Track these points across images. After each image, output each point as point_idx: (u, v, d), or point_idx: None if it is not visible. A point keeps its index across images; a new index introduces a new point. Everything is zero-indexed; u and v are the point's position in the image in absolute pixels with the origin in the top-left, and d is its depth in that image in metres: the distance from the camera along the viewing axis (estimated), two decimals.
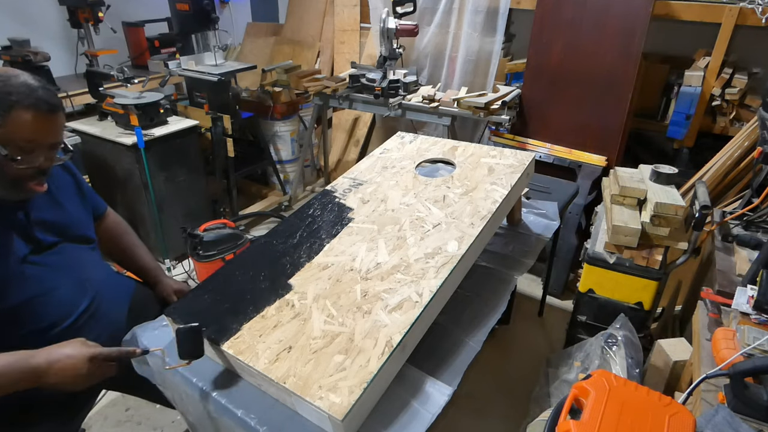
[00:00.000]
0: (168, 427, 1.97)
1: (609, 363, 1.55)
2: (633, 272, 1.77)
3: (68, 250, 1.23)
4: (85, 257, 1.28)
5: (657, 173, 1.85)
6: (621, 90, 2.54)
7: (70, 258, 1.23)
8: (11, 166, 1.04)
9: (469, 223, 1.30)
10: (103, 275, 1.33)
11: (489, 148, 1.65)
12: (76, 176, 1.35)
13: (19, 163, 1.04)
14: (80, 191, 1.35)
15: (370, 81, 2.97)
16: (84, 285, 1.24)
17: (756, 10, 2.31)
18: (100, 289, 1.29)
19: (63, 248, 1.22)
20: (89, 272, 1.27)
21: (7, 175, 1.05)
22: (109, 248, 1.51)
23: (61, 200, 1.25)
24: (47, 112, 1.05)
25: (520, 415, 1.89)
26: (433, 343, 1.20)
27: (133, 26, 3.52)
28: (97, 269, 1.32)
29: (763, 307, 1.30)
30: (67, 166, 1.31)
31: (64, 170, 1.30)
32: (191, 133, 2.83)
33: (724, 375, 1.10)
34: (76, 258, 1.25)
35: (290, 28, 4.14)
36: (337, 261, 1.26)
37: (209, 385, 1.08)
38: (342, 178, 1.62)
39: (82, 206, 1.34)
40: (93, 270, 1.29)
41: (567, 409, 0.98)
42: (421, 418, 1.01)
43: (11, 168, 1.04)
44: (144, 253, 1.53)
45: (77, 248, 1.26)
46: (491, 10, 3.07)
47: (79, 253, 1.26)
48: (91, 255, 1.31)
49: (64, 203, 1.26)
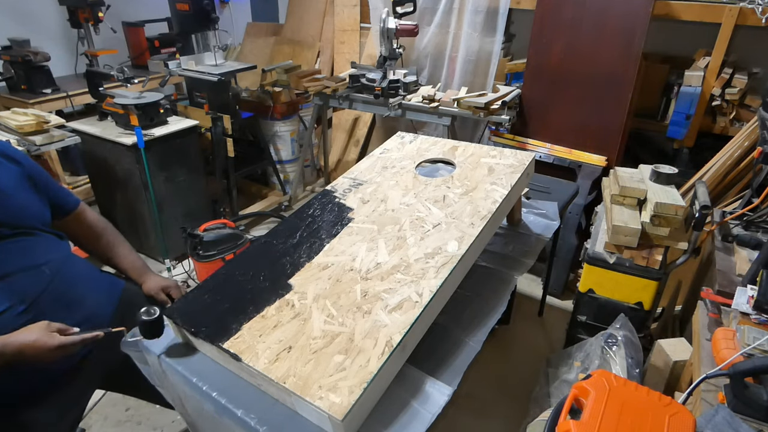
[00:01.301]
0: (168, 427, 1.97)
1: (609, 363, 1.54)
2: (633, 272, 1.77)
3: (17, 240, 1.23)
4: (39, 243, 1.27)
5: (657, 173, 1.85)
6: (621, 90, 2.54)
7: (20, 246, 1.23)
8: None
9: (469, 223, 1.30)
10: (63, 257, 1.32)
11: (489, 148, 1.65)
12: (24, 166, 1.32)
13: None
14: (31, 181, 1.32)
15: (370, 81, 2.97)
16: (40, 268, 1.24)
17: (756, 10, 2.31)
18: (61, 270, 1.28)
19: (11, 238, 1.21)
20: (45, 257, 1.27)
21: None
22: (90, 248, 1.50)
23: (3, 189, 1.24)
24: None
25: (520, 415, 1.89)
26: (433, 343, 1.20)
27: (133, 26, 3.52)
28: (55, 253, 1.30)
29: (763, 307, 1.30)
30: (12, 157, 1.30)
31: (7, 160, 1.29)
32: (191, 133, 2.84)
33: (724, 375, 1.10)
34: (27, 245, 1.24)
35: (290, 28, 4.14)
36: (337, 261, 1.26)
37: (209, 385, 1.08)
38: (342, 178, 1.62)
39: (32, 196, 1.32)
40: (50, 254, 1.28)
41: (567, 409, 0.98)
42: (421, 418, 1.01)
43: None
44: (126, 252, 1.51)
45: (27, 237, 1.25)
46: (491, 10, 3.07)
47: (30, 241, 1.25)
48: (47, 241, 1.30)
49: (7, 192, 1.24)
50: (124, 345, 1.23)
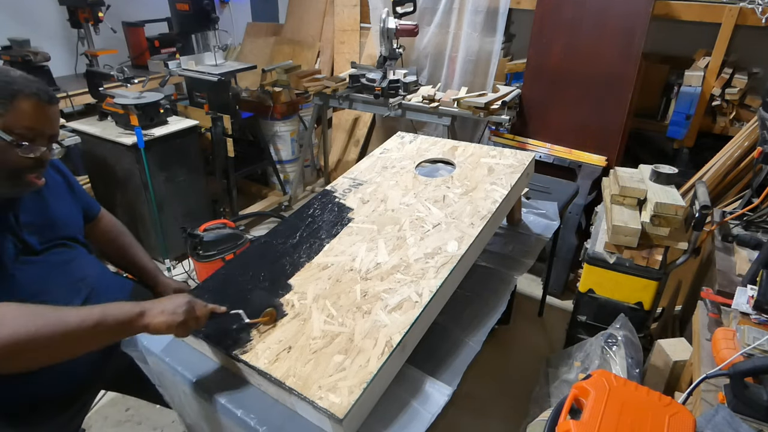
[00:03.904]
0: (168, 427, 1.97)
1: (609, 363, 1.54)
2: (633, 272, 1.77)
3: (59, 252, 1.22)
4: (77, 258, 1.28)
5: (657, 173, 1.85)
6: (621, 90, 2.54)
7: (61, 259, 1.22)
8: (14, 154, 1.04)
9: (468, 223, 1.30)
10: (97, 273, 1.32)
11: (489, 148, 1.65)
12: (67, 177, 1.34)
13: (23, 150, 1.05)
14: (71, 191, 1.34)
15: (370, 81, 2.97)
16: (77, 285, 1.24)
17: (756, 10, 2.31)
18: (96, 287, 1.28)
19: (53, 250, 1.21)
20: (82, 272, 1.27)
21: (9, 164, 1.05)
22: (106, 250, 1.51)
23: (51, 201, 1.25)
24: (47, 102, 1.08)
25: (520, 415, 1.89)
26: (433, 343, 1.20)
27: (133, 26, 3.52)
28: (91, 268, 1.31)
29: (763, 307, 1.30)
30: (57, 167, 1.32)
31: (54, 171, 1.30)
32: (191, 133, 2.83)
33: (724, 375, 1.10)
34: (68, 259, 1.24)
35: (290, 28, 4.14)
36: (337, 261, 1.26)
37: (209, 385, 1.08)
38: (342, 178, 1.62)
39: (73, 206, 1.33)
40: (86, 269, 1.29)
41: (567, 409, 0.98)
42: (421, 418, 1.01)
43: (14, 156, 1.05)
44: (141, 254, 1.53)
45: (68, 250, 1.26)
46: (491, 10, 3.07)
47: (70, 254, 1.26)
48: (83, 255, 1.31)
49: (55, 204, 1.25)
50: (124, 345, 1.23)
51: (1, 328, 0.86)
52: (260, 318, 1.09)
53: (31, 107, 1.04)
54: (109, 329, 0.95)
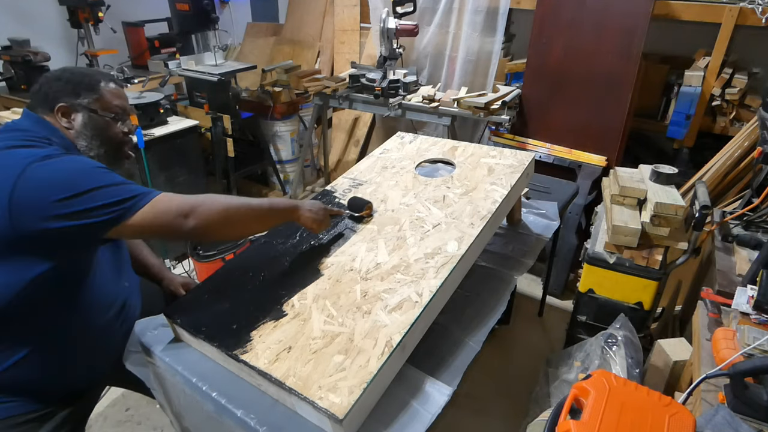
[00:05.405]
0: (168, 428, 1.97)
1: (609, 363, 1.54)
2: (633, 272, 1.77)
3: (120, 246, 1.33)
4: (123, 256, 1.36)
5: (657, 173, 1.85)
6: (621, 90, 2.54)
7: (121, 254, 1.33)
8: (116, 129, 1.23)
9: (468, 223, 1.30)
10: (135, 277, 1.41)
11: (489, 148, 1.65)
12: None
13: (122, 125, 1.24)
14: None
15: (370, 81, 2.97)
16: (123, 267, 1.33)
17: (756, 10, 2.31)
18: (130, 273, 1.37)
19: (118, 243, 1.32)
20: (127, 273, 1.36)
21: (116, 138, 1.24)
22: None
23: None
24: (121, 84, 1.28)
25: (520, 415, 1.89)
26: (433, 343, 1.20)
27: (133, 26, 3.52)
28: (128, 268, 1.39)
29: (763, 307, 1.30)
30: None
31: None
32: (191, 133, 2.83)
33: (724, 375, 1.10)
34: (124, 255, 1.35)
35: (290, 28, 4.14)
36: (337, 261, 1.26)
37: (209, 385, 1.08)
38: (342, 178, 1.62)
39: None
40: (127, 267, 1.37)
41: (567, 409, 0.98)
42: (421, 418, 1.00)
43: (117, 130, 1.23)
44: (148, 251, 1.57)
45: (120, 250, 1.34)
46: (491, 10, 3.07)
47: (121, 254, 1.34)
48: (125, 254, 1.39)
49: None
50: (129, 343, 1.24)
51: (219, 200, 1.10)
52: (364, 211, 1.37)
53: (115, 88, 1.23)
54: (277, 213, 1.22)
